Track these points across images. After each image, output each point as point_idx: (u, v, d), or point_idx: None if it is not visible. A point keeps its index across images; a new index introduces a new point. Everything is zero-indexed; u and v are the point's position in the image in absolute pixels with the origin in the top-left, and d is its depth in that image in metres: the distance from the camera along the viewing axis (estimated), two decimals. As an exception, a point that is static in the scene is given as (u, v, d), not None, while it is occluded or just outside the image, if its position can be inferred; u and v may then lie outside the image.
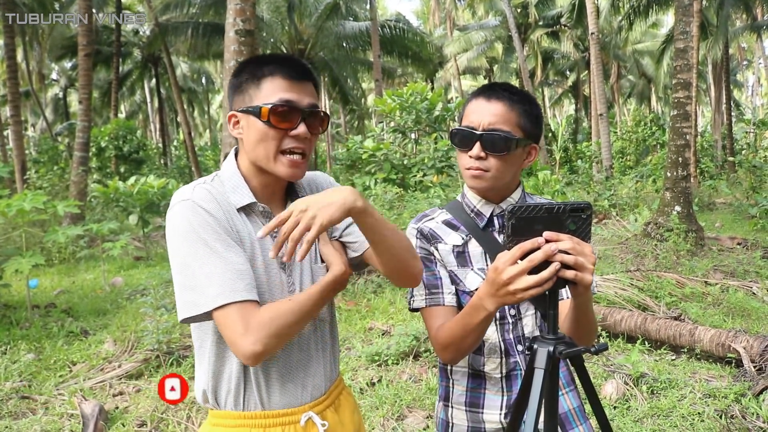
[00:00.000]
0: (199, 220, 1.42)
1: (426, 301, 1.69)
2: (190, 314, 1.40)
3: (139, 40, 30.18)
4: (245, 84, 1.52)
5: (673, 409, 4.09)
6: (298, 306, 1.44)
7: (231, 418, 1.53)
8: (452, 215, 1.76)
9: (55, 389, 4.85)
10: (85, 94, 14.04)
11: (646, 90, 41.09)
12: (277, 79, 1.49)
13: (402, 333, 5.46)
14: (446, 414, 1.78)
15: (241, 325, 1.36)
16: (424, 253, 1.72)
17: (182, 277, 1.41)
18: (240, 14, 7.21)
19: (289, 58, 1.54)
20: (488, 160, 1.61)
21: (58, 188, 16.94)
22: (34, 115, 43.52)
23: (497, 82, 1.70)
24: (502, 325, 1.68)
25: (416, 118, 14.65)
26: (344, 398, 1.72)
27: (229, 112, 1.56)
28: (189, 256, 1.40)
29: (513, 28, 23.81)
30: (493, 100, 1.62)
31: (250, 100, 1.50)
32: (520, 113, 1.63)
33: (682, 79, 9.73)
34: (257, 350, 1.36)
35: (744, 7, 23.52)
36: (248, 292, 1.39)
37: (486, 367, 1.69)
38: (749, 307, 6.28)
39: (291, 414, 1.55)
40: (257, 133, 1.49)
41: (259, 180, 1.57)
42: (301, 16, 24.45)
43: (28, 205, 7.00)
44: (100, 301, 7.86)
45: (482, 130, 1.60)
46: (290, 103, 1.48)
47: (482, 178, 1.64)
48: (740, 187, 17.06)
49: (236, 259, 1.41)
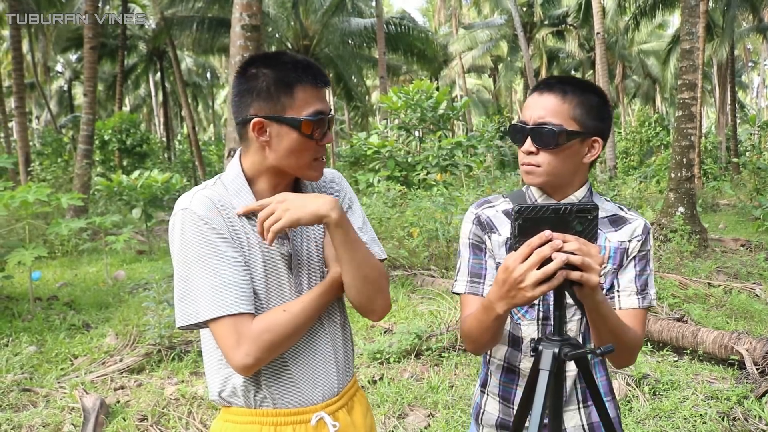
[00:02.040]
0: (195, 230, 1.44)
1: (467, 288, 1.67)
2: (185, 324, 1.45)
3: (144, 34, 30.17)
4: (274, 90, 1.46)
5: (675, 410, 4.08)
6: (291, 317, 1.46)
7: (242, 415, 1.55)
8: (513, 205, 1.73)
9: (57, 382, 4.85)
10: (90, 87, 14.06)
11: (651, 90, 41.02)
12: (308, 88, 1.48)
13: (404, 331, 5.45)
14: (481, 399, 1.77)
15: (233, 338, 1.40)
16: (476, 240, 1.69)
17: (178, 287, 1.46)
18: (246, 9, 7.20)
19: (309, 63, 1.51)
20: (539, 155, 1.58)
21: (61, 181, 16.96)
22: (38, 107, 43.58)
23: (558, 76, 1.65)
24: (543, 326, 1.64)
25: (421, 115, 14.64)
26: (358, 400, 1.71)
27: (246, 116, 1.50)
28: (184, 267, 1.45)
29: (518, 27, 23.75)
30: (545, 94, 1.58)
31: (283, 109, 1.47)
32: (574, 105, 1.56)
33: (687, 80, 9.70)
34: (248, 363, 1.41)
35: (750, 9, 23.44)
36: (239, 305, 1.42)
37: (522, 364, 1.67)
38: (752, 309, 6.26)
39: (302, 413, 1.55)
40: (292, 143, 1.48)
41: (266, 181, 1.56)
42: (307, 12, 24.42)
43: (31, 197, 7.01)
44: (103, 295, 7.87)
45: (533, 125, 1.57)
46: (324, 114, 1.50)
47: (534, 174, 1.60)
48: (744, 188, 17.01)
49: (229, 271, 1.43)
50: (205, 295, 1.41)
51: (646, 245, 1.64)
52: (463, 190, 10.02)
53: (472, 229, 1.70)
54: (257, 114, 1.48)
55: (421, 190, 12.00)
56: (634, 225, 1.65)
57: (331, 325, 1.63)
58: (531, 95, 1.63)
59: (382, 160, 13.72)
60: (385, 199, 10.48)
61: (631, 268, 1.62)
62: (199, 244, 1.43)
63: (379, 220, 9.07)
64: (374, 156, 13.87)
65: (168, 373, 5.07)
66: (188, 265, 1.44)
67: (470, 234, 1.70)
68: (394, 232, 8.57)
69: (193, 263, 1.43)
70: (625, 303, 1.61)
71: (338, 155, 17.50)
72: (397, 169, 13.49)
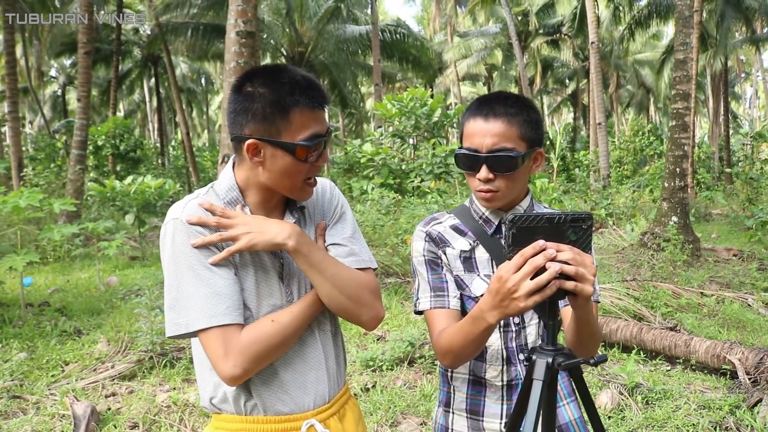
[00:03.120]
0: (184, 240, 1.45)
1: (431, 303, 1.67)
2: (174, 333, 1.46)
3: (139, 39, 30.16)
4: (269, 113, 1.44)
5: (668, 420, 4.07)
6: (280, 328, 1.47)
7: (233, 422, 1.55)
8: (460, 220, 1.74)
9: (47, 389, 4.82)
10: (84, 92, 14.02)
11: (645, 100, 41.22)
12: (305, 111, 1.46)
13: (397, 339, 5.44)
14: (446, 420, 1.76)
15: (221, 349, 1.41)
16: (432, 256, 1.71)
17: (168, 296, 1.47)
18: (242, 15, 7.20)
19: (310, 83, 1.49)
20: (497, 181, 1.59)
21: (54, 186, 16.91)
22: (32, 112, 43.44)
23: (491, 95, 1.65)
24: (505, 333, 1.66)
25: (415, 123, 14.66)
26: (349, 408, 1.72)
27: (240, 135, 1.48)
28: (174, 276, 1.45)
29: (513, 36, 23.86)
30: (491, 119, 1.58)
31: (278, 133, 1.45)
32: (520, 125, 1.59)
33: (681, 90, 9.75)
34: (236, 374, 1.42)
35: (744, 20, 23.61)
36: (227, 316, 1.43)
37: (487, 374, 1.68)
38: (745, 318, 6.27)
39: (293, 420, 1.56)
40: (285, 166, 1.48)
41: (260, 195, 1.57)
42: (302, 19, 24.47)
43: (23, 202, 6.97)
44: (95, 301, 7.82)
45: (486, 152, 1.57)
46: (320, 136, 1.49)
47: (494, 200, 1.62)
48: (737, 198, 17.10)
49: (218, 281, 1.44)
50: (195, 305, 1.42)
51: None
52: (457, 198, 10.03)
53: (426, 246, 1.72)
54: (252, 135, 1.47)
55: (415, 197, 12.00)
56: None
57: (321, 333, 1.63)
58: (473, 120, 1.61)
59: (376, 168, 13.72)
60: (378, 206, 10.47)
61: None
62: (189, 254, 1.44)
63: (372, 227, 9.07)
64: (368, 163, 13.86)
65: (160, 380, 5.04)
66: (179, 274, 1.44)
67: (424, 251, 1.72)
68: (388, 239, 8.56)
69: (184, 273, 1.44)
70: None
71: (332, 162, 17.51)
72: (391, 176, 13.49)
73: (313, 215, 1.68)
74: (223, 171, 1.61)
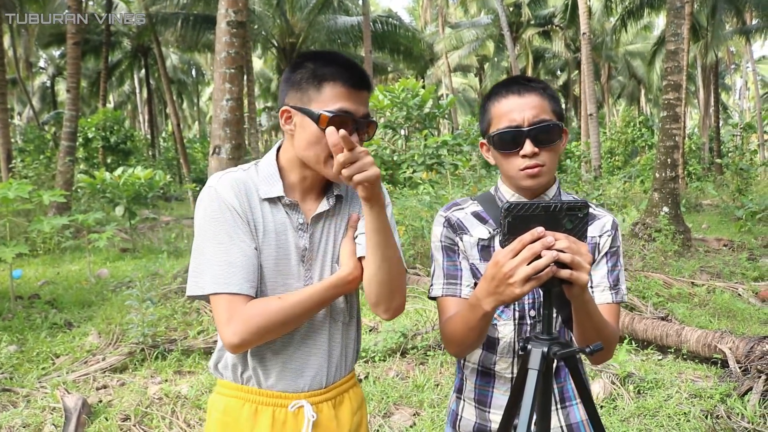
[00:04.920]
0: (215, 209, 1.51)
1: (443, 291, 1.65)
2: (192, 293, 1.52)
3: (128, 30, 29.92)
4: (305, 83, 1.52)
5: (660, 408, 4.09)
6: (287, 305, 1.49)
7: (230, 388, 1.63)
8: (483, 207, 1.70)
9: (38, 382, 4.79)
10: (74, 83, 13.90)
11: (636, 91, 41.30)
12: (338, 86, 1.51)
13: (389, 330, 5.44)
14: (457, 406, 1.75)
15: (226, 316, 1.46)
16: (449, 242, 1.67)
17: (194, 258, 1.54)
18: (232, 5, 7.14)
19: (352, 64, 1.54)
20: (541, 155, 1.56)
21: (44, 178, 16.78)
22: (20, 103, 43.07)
23: (513, 77, 1.64)
24: (520, 326, 1.62)
25: (407, 114, 14.63)
26: (349, 396, 1.72)
27: (282, 105, 1.57)
28: (201, 241, 1.52)
29: (505, 27, 23.82)
30: (525, 94, 1.57)
31: (308, 101, 1.52)
32: (550, 99, 1.59)
33: (672, 80, 9.77)
34: (234, 342, 1.45)
35: (735, 11, 23.66)
36: (240, 286, 1.47)
37: (497, 366, 1.66)
38: (735, 308, 6.31)
39: (284, 398, 1.60)
40: (311, 136, 1.52)
41: (298, 174, 1.61)
42: (293, 10, 24.35)
43: (12, 193, 6.92)
44: (85, 293, 7.78)
45: (529, 126, 1.54)
46: (348, 113, 1.51)
47: (540, 175, 1.57)
48: (727, 189, 17.20)
49: (236, 252, 1.49)
50: (212, 270, 1.48)
51: (616, 241, 1.67)
52: (449, 189, 10.02)
53: (444, 231, 1.69)
54: (287, 103, 1.56)
55: (407, 188, 11.98)
56: (603, 221, 1.68)
57: (333, 322, 1.65)
58: (505, 99, 1.58)
59: (368, 159, 13.68)
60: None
61: (603, 265, 1.64)
62: (217, 221, 1.50)
63: (364, 218, 9.03)
64: (360, 154, 13.83)
65: (151, 372, 5.02)
66: (204, 239, 1.51)
67: (442, 237, 1.69)
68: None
69: (209, 239, 1.50)
70: (599, 299, 1.62)
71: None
72: (383, 167, 13.47)
73: (349, 207, 1.69)
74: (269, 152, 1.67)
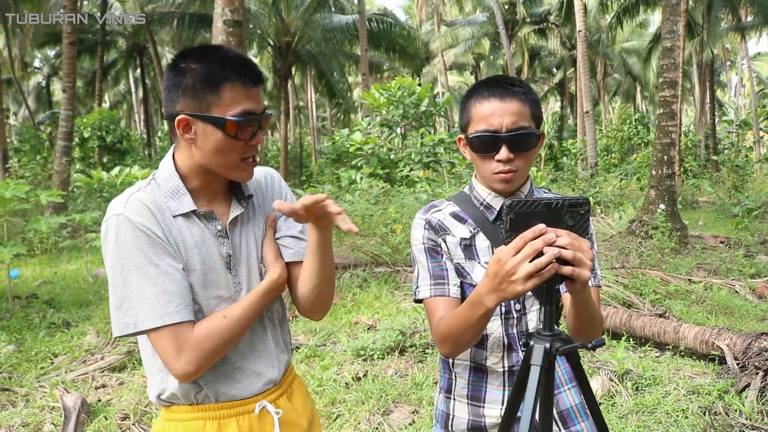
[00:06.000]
0: (129, 238, 1.40)
1: (431, 291, 1.66)
2: (122, 333, 1.41)
3: (124, 30, 29.84)
4: (199, 87, 1.42)
5: (658, 405, 4.11)
6: (231, 322, 1.47)
7: (185, 412, 1.54)
8: (460, 208, 1.72)
9: (36, 381, 4.79)
10: (69, 83, 13.89)
11: (632, 88, 41.35)
12: (237, 87, 1.44)
13: (388, 327, 5.44)
14: (447, 406, 1.76)
15: (173, 348, 1.39)
16: (432, 244, 1.69)
17: (114, 296, 1.42)
18: (228, 4, 7.14)
19: (244, 60, 1.48)
20: (516, 161, 1.59)
21: (40, 178, 16.76)
22: (16, 103, 42.94)
23: (493, 78, 1.65)
24: (507, 320, 1.66)
25: (403, 112, 14.64)
26: (296, 386, 1.73)
27: (174, 113, 1.45)
28: (120, 275, 1.40)
29: (500, 25, 23.83)
30: (507, 99, 1.58)
31: (207, 108, 1.43)
32: (530, 104, 1.61)
33: (668, 77, 9.78)
34: (189, 371, 1.41)
35: (730, 8, 23.69)
36: (178, 314, 1.40)
37: (488, 361, 1.68)
38: (732, 305, 6.32)
39: (244, 404, 1.56)
40: (217, 143, 1.45)
41: (201, 181, 1.53)
42: (288, 9, 24.30)
43: (9, 193, 6.91)
44: (83, 292, 7.77)
45: (506, 132, 1.57)
46: (252, 114, 1.46)
47: (513, 180, 1.61)
48: (723, 186, 17.23)
49: (167, 279, 1.41)
50: (145, 304, 1.38)
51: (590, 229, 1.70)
52: (446, 187, 10.04)
53: (425, 234, 1.70)
54: (182, 111, 1.44)
55: (404, 186, 12.00)
56: None
57: (270, 322, 1.64)
58: (487, 102, 1.60)
59: (365, 157, 13.70)
60: (367, 196, 10.46)
61: None
62: (135, 250, 1.40)
63: (362, 217, 9.06)
64: (357, 153, 13.84)
65: (150, 371, 5.01)
66: (125, 273, 1.40)
67: (424, 239, 1.70)
68: (377, 228, 8.55)
69: (131, 272, 1.39)
70: None
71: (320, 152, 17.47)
72: (379, 166, 13.48)
73: (263, 205, 1.65)
74: (162, 160, 1.57)
